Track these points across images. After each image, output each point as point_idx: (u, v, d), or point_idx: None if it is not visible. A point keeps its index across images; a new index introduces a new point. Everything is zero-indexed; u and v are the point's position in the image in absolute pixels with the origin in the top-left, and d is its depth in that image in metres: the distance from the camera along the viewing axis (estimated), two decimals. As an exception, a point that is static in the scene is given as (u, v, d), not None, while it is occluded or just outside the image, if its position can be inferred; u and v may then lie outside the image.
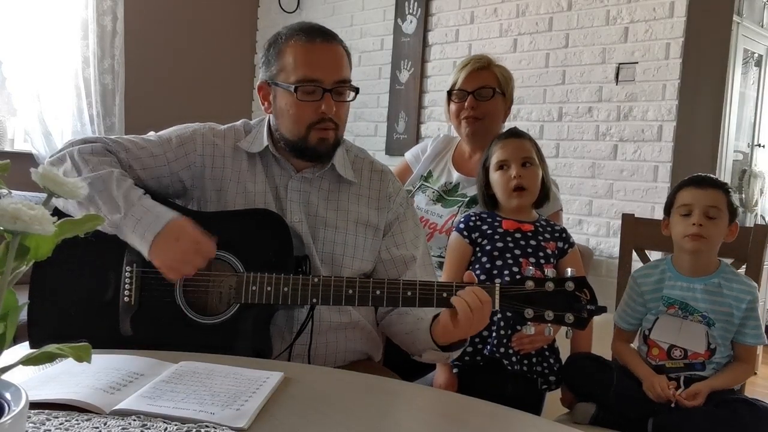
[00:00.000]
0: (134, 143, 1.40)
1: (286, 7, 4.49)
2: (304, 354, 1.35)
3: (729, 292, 1.52)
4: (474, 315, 1.16)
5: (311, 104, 1.35)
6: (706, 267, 1.55)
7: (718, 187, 1.54)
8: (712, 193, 1.52)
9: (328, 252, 1.41)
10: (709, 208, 1.51)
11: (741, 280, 1.54)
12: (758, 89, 4.63)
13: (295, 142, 1.39)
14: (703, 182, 1.55)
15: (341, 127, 1.41)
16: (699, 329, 1.51)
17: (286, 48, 1.38)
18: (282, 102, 1.39)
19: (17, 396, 0.55)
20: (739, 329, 1.51)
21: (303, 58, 1.36)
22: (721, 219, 1.51)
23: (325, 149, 1.39)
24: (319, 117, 1.36)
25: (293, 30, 1.39)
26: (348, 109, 1.43)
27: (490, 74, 2.00)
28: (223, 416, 0.81)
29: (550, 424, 1.02)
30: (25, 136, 3.67)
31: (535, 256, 1.62)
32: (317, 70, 1.35)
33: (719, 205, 1.51)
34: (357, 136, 4.01)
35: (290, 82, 1.35)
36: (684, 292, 1.55)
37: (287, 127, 1.39)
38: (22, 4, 3.48)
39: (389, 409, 0.98)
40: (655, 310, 1.57)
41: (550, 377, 1.62)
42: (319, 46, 1.36)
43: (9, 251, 0.53)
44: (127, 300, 1.28)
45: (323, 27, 1.41)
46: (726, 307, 1.51)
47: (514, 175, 1.64)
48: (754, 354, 1.57)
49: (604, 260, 2.99)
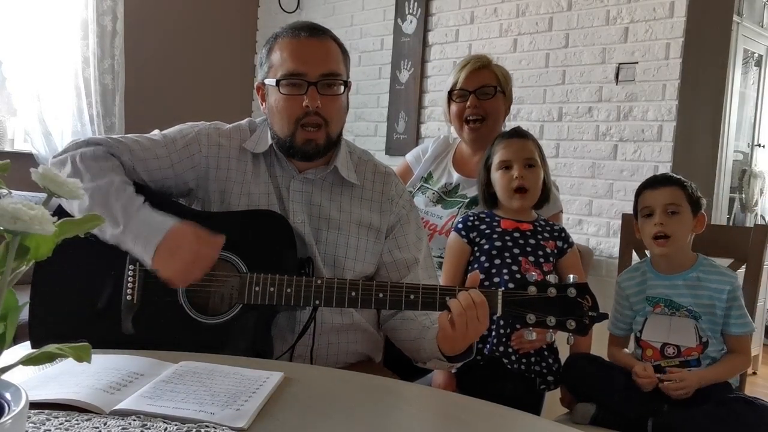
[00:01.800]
0: (139, 143, 1.40)
1: (286, 7, 4.49)
2: (305, 355, 1.35)
3: (708, 284, 1.55)
4: (467, 314, 1.16)
5: (295, 98, 1.35)
6: (683, 263, 1.59)
7: (673, 183, 1.59)
8: (668, 191, 1.57)
9: (330, 253, 1.40)
10: (667, 206, 1.56)
11: (719, 272, 1.57)
12: (758, 89, 4.63)
13: (284, 141, 1.39)
14: (658, 182, 1.61)
15: (332, 124, 1.38)
16: (688, 324, 1.53)
17: (275, 46, 1.39)
18: (271, 99, 1.40)
19: (17, 396, 0.55)
20: (725, 320, 1.53)
21: (287, 53, 1.36)
22: (682, 214, 1.56)
23: (312, 150, 1.38)
24: (303, 111, 1.35)
25: (283, 29, 1.41)
26: (340, 104, 1.40)
27: (491, 73, 2.00)
28: (223, 416, 0.81)
29: (549, 424, 1.02)
30: (25, 136, 3.66)
31: (534, 255, 1.62)
32: (300, 63, 1.34)
33: (677, 200, 1.56)
34: (357, 136, 4.01)
35: (276, 78, 1.36)
36: (667, 290, 1.57)
37: (278, 124, 1.39)
38: (22, 4, 3.48)
39: (389, 409, 0.98)
40: (642, 312, 1.59)
41: (549, 377, 1.62)
42: (304, 41, 1.36)
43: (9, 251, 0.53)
44: (129, 299, 1.28)
45: (315, 24, 1.41)
46: (707, 299, 1.54)
47: (517, 176, 1.64)
48: (746, 344, 1.57)
49: (604, 260, 2.99)
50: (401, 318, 1.41)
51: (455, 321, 1.17)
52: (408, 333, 1.38)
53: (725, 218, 4.19)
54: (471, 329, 1.18)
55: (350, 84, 1.43)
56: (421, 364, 1.37)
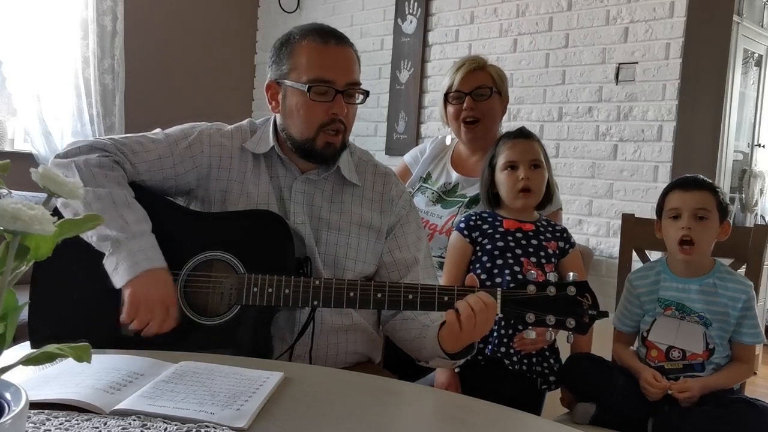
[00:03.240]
0: (142, 144, 1.40)
1: (286, 7, 4.49)
2: (304, 356, 1.35)
3: (724, 291, 1.52)
4: (477, 317, 1.17)
5: (322, 105, 1.36)
6: (700, 268, 1.55)
7: (705, 188, 1.53)
8: (699, 195, 1.52)
9: (330, 254, 1.40)
10: (697, 210, 1.50)
11: (736, 279, 1.54)
12: (758, 89, 4.63)
13: (302, 143, 1.39)
14: (690, 184, 1.55)
15: (348, 130, 1.42)
16: (696, 330, 1.51)
17: (299, 48, 1.38)
18: (292, 101, 1.39)
19: (17, 396, 0.55)
20: (736, 329, 1.51)
21: (317, 58, 1.36)
22: (710, 220, 1.51)
23: (331, 153, 1.40)
24: (330, 118, 1.36)
25: (306, 30, 1.40)
26: (356, 111, 1.44)
27: (486, 74, 2.00)
28: (223, 416, 0.81)
29: (550, 424, 1.02)
30: (25, 136, 3.67)
31: (536, 255, 1.62)
32: (330, 71, 1.35)
33: (708, 206, 1.51)
34: (357, 136, 4.01)
35: (303, 82, 1.35)
36: (680, 293, 1.54)
37: (296, 127, 1.39)
38: (22, 4, 3.48)
39: (390, 409, 0.98)
40: (652, 312, 1.57)
41: (550, 377, 1.62)
42: (333, 48, 1.37)
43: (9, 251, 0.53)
44: (128, 299, 1.27)
45: (338, 31, 1.42)
46: (722, 306, 1.51)
47: (523, 176, 1.63)
48: (752, 354, 1.56)
49: (604, 260, 2.99)
50: (401, 318, 1.41)
51: (462, 322, 1.18)
52: (409, 332, 1.38)
53: (725, 218, 4.18)
54: (478, 330, 1.20)
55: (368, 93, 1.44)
56: (423, 363, 1.37)
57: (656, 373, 1.49)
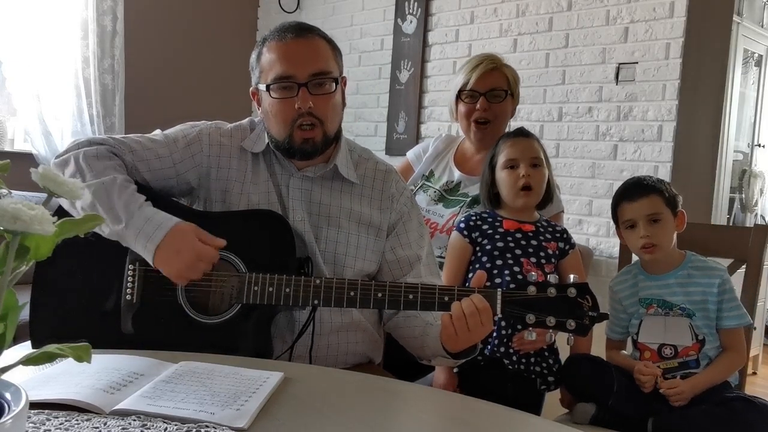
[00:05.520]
0: (140, 144, 1.40)
1: (286, 7, 4.49)
2: (304, 355, 1.35)
3: (699, 280, 1.55)
4: (468, 321, 1.16)
5: (287, 101, 1.35)
6: (671, 262, 1.59)
7: (649, 191, 1.57)
8: (647, 202, 1.56)
9: (330, 251, 1.40)
10: (649, 216, 1.55)
11: (708, 266, 1.57)
12: (758, 89, 4.63)
13: (281, 143, 1.39)
14: (634, 194, 1.59)
15: (327, 122, 1.38)
16: (682, 323, 1.53)
17: (264, 51, 1.39)
18: (265, 104, 1.40)
19: (17, 396, 0.55)
20: (718, 314, 1.53)
21: (275, 56, 1.36)
22: (664, 219, 1.56)
23: (311, 148, 1.38)
24: (296, 113, 1.35)
25: (271, 31, 1.41)
26: (333, 101, 1.39)
27: (501, 75, 2.00)
28: (223, 416, 0.81)
29: (549, 424, 1.02)
30: (25, 136, 3.66)
31: (536, 256, 1.62)
32: (289, 66, 1.34)
33: (657, 209, 1.56)
34: (357, 136, 4.00)
35: (266, 83, 1.36)
36: (659, 290, 1.57)
37: (274, 128, 1.40)
38: (22, 4, 3.48)
39: (389, 409, 0.98)
40: (636, 314, 1.59)
41: (549, 378, 1.62)
42: (290, 43, 1.36)
43: (9, 251, 0.53)
44: (129, 298, 1.28)
45: (301, 23, 1.41)
46: (700, 295, 1.54)
47: (523, 174, 1.64)
48: (739, 339, 1.55)
49: (604, 260, 2.99)
50: (404, 315, 1.41)
51: (454, 325, 1.18)
52: (411, 330, 1.38)
53: (725, 218, 4.19)
54: (474, 333, 1.19)
55: (344, 79, 1.43)
56: (426, 361, 1.37)
57: (648, 362, 1.51)
